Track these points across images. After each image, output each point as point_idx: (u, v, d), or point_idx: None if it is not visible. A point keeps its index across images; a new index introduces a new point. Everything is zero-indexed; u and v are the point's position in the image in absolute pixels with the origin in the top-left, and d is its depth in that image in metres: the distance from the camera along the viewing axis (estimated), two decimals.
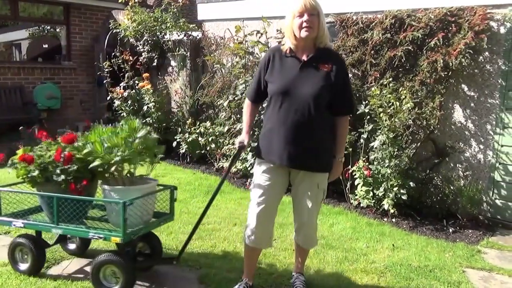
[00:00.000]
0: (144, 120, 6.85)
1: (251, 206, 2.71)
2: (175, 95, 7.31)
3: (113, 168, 2.80)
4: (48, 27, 9.73)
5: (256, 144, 2.83)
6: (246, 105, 2.85)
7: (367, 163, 4.70)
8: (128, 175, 2.94)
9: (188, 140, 6.53)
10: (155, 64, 7.53)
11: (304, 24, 2.49)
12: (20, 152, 2.97)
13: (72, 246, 3.45)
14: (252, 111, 2.84)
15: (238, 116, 5.91)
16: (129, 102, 7.07)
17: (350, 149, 4.80)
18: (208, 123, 6.44)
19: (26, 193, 3.09)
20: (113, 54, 7.40)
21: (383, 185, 4.47)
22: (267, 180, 2.67)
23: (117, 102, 7.07)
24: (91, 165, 2.76)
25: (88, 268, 3.20)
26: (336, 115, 2.65)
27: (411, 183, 4.42)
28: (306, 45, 2.59)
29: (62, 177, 2.82)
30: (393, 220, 4.45)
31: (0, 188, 3.12)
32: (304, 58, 2.58)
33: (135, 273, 2.83)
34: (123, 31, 7.68)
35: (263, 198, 2.66)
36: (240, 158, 5.81)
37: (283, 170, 2.69)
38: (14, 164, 2.96)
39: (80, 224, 2.95)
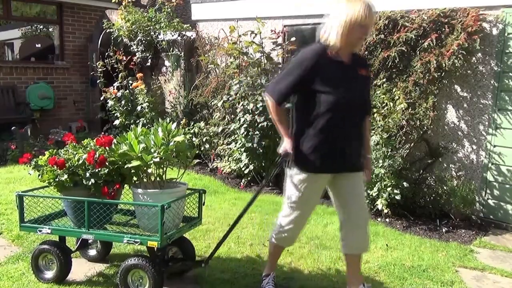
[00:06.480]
0: (138, 120, 6.83)
1: (292, 211, 2.67)
2: (169, 95, 7.29)
3: (150, 170, 2.76)
4: (41, 27, 9.65)
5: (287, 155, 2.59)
6: (276, 108, 2.59)
7: None
8: (158, 178, 2.88)
9: None
10: (149, 64, 7.50)
11: (365, 37, 2.51)
12: (47, 155, 2.87)
13: (92, 252, 3.35)
14: (283, 114, 2.68)
15: (232, 116, 5.91)
16: (123, 102, 7.04)
17: None
18: (202, 124, 6.43)
19: (57, 198, 2.96)
20: (106, 54, 7.37)
21: (376, 185, 4.48)
22: (312, 189, 2.63)
23: (110, 102, 7.04)
24: (129, 165, 2.67)
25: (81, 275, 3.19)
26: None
27: (404, 183, 4.44)
28: (349, 51, 2.54)
29: (92, 181, 2.74)
30: (387, 220, 4.47)
31: (29, 193, 2.97)
32: (348, 63, 2.54)
33: (163, 279, 2.76)
34: (116, 31, 7.65)
35: (306, 207, 2.70)
36: (235, 158, 5.81)
37: (327, 177, 2.65)
38: (39, 167, 2.84)
39: (106, 229, 2.88)
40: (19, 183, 5.42)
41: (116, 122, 7.08)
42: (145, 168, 2.78)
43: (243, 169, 5.62)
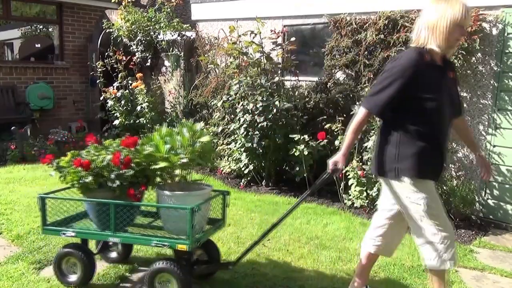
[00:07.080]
0: (138, 120, 6.83)
1: (439, 226, 2.42)
2: (169, 95, 7.29)
3: (177, 171, 2.70)
4: (41, 27, 9.65)
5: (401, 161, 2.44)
6: (361, 120, 2.47)
7: (360, 163, 4.71)
8: (182, 180, 2.83)
9: None
10: (148, 64, 7.51)
11: (462, 38, 2.40)
12: (69, 156, 2.80)
13: (113, 254, 3.31)
14: (362, 128, 2.56)
15: (232, 116, 5.91)
16: (123, 102, 7.05)
17: None
18: (202, 124, 6.41)
19: (82, 201, 2.87)
20: (106, 54, 7.37)
21: (376, 185, 4.48)
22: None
23: (110, 102, 7.04)
24: (155, 167, 2.61)
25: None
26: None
27: None
28: (443, 53, 2.45)
29: (118, 182, 2.65)
30: None
31: (51, 195, 2.91)
32: (442, 66, 2.45)
33: (191, 283, 2.70)
34: (116, 31, 7.65)
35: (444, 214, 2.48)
36: (235, 158, 5.81)
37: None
38: (61, 169, 2.77)
39: (129, 232, 2.83)
40: (19, 183, 5.41)
41: (116, 122, 7.08)
42: (170, 170, 2.72)
43: (242, 169, 5.62)
